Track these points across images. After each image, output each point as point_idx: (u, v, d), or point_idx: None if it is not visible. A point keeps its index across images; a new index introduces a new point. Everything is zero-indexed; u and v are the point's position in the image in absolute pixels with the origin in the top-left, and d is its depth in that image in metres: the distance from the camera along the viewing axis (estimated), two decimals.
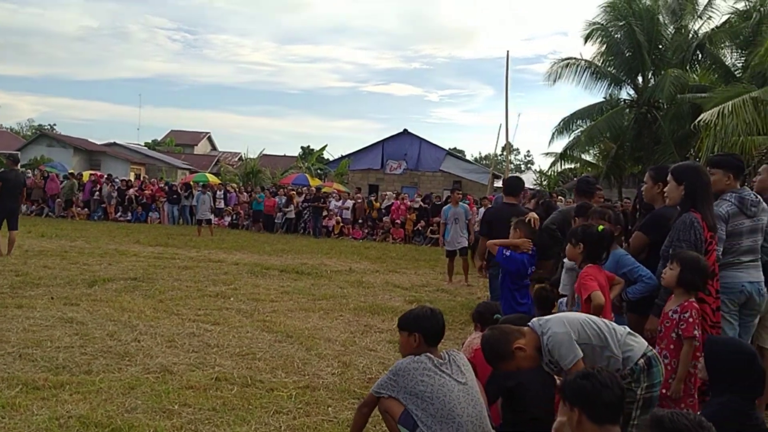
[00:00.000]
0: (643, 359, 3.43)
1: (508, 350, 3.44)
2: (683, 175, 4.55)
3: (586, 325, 3.47)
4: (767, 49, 11.56)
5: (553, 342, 3.42)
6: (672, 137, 21.47)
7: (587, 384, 2.74)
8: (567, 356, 3.36)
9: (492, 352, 3.50)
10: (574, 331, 3.42)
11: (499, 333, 3.53)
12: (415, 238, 22.09)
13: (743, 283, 4.64)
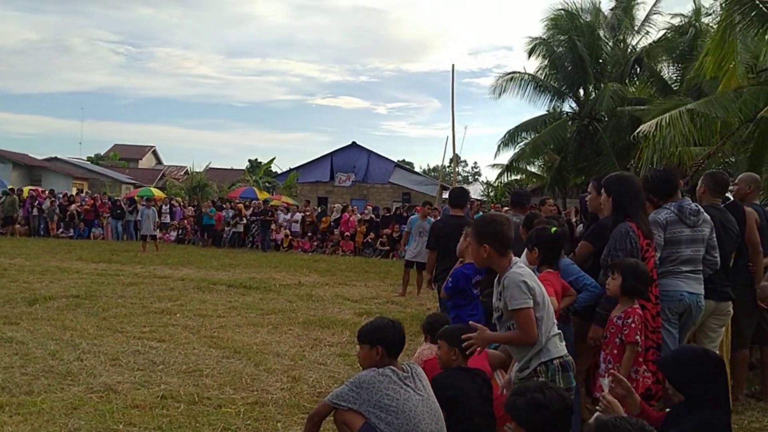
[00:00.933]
0: (559, 360, 3.51)
1: (487, 232, 3.57)
2: (611, 187, 4.69)
3: (542, 294, 3.53)
4: (702, 63, 11.94)
5: (510, 280, 3.47)
6: (613, 148, 22.04)
7: (530, 402, 2.77)
8: (517, 298, 3.42)
9: (484, 221, 3.67)
10: (534, 288, 3.47)
11: (510, 226, 3.63)
12: (365, 251, 22.09)
13: (683, 292, 4.77)
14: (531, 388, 2.85)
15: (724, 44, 10.87)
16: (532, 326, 3.43)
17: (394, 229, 21.69)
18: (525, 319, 3.43)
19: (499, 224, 3.62)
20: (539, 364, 3.51)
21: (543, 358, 3.52)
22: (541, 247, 4.58)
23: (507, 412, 2.84)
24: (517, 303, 3.42)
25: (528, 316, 3.42)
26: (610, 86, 22.15)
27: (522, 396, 2.80)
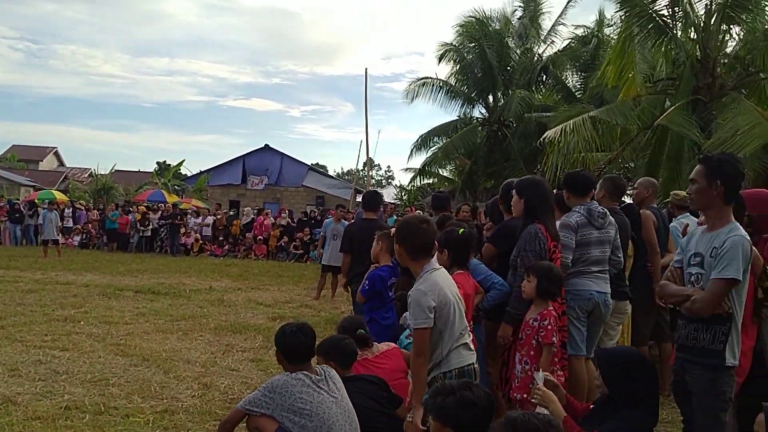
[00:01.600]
0: (457, 370, 3.58)
1: (400, 234, 3.67)
2: (524, 190, 4.86)
3: (447, 310, 3.55)
4: (603, 72, 12.50)
5: (413, 297, 3.52)
6: (521, 154, 22.69)
7: (461, 401, 2.81)
8: (417, 317, 3.48)
9: (401, 223, 3.74)
10: (439, 305, 3.51)
11: (427, 228, 3.67)
12: (278, 254, 21.87)
13: (592, 291, 4.96)
14: (457, 387, 2.88)
15: (624, 55, 11.44)
16: (424, 345, 3.50)
17: (306, 233, 21.58)
18: (419, 338, 3.50)
19: (413, 226, 3.67)
20: (439, 373, 3.58)
21: (443, 369, 3.58)
22: (450, 249, 4.66)
23: (432, 413, 2.85)
24: (416, 323, 3.48)
25: (423, 336, 3.49)
26: (517, 93, 22.82)
27: (450, 395, 2.81)
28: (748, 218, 3.89)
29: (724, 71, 11.85)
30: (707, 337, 3.39)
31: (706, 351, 3.39)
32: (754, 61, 11.43)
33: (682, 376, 3.57)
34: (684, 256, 3.68)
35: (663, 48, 11.89)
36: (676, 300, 3.62)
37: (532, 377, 3.93)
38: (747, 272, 3.38)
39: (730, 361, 3.37)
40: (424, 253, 3.63)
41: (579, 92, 23.02)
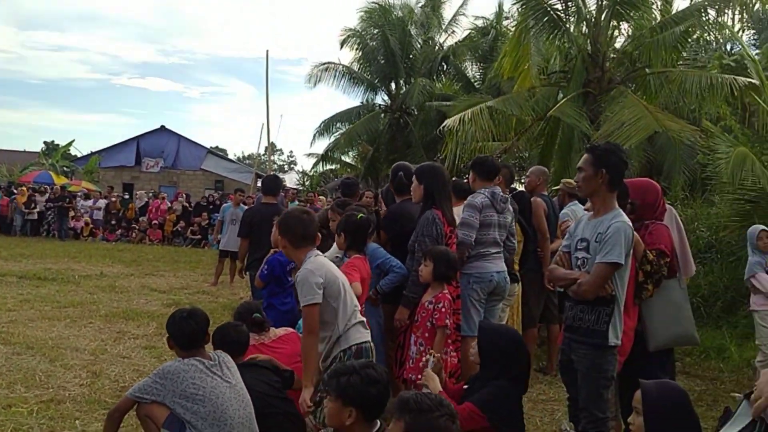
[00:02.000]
0: (356, 346, 3.68)
1: (283, 225, 3.73)
2: (423, 176, 4.96)
3: (337, 286, 3.66)
4: (500, 64, 12.84)
5: (300, 276, 3.60)
6: (422, 141, 23.03)
7: (366, 379, 2.85)
8: (306, 294, 3.55)
9: (284, 215, 3.78)
10: (327, 281, 3.60)
11: (308, 219, 3.74)
12: (174, 240, 21.26)
13: (492, 273, 5.13)
14: (358, 366, 2.93)
15: (520, 47, 11.78)
16: (314, 322, 3.57)
17: (204, 218, 21.10)
18: (309, 315, 3.58)
19: (294, 218, 3.75)
20: (339, 351, 3.66)
21: (343, 346, 3.67)
22: (347, 233, 4.73)
23: (335, 393, 2.87)
24: (305, 299, 3.55)
25: (312, 313, 3.56)
26: (419, 81, 23.10)
27: (354, 374, 2.85)
28: (631, 206, 4.11)
29: (613, 66, 12.40)
30: (592, 318, 3.57)
31: (591, 331, 3.58)
32: (641, 57, 12.02)
33: (568, 355, 3.75)
34: (571, 241, 3.85)
35: (556, 41, 12.33)
36: (564, 283, 3.79)
37: (424, 359, 4.05)
38: (629, 256, 3.58)
39: (613, 341, 3.56)
40: (306, 242, 3.72)
41: (478, 82, 23.55)
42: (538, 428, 5.15)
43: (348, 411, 2.84)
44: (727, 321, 8.33)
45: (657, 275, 3.96)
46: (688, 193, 12.03)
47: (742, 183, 8.13)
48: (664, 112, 11.10)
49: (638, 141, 10.29)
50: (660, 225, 4.14)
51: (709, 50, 15.09)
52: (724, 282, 8.88)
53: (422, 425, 2.45)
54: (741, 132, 11.28)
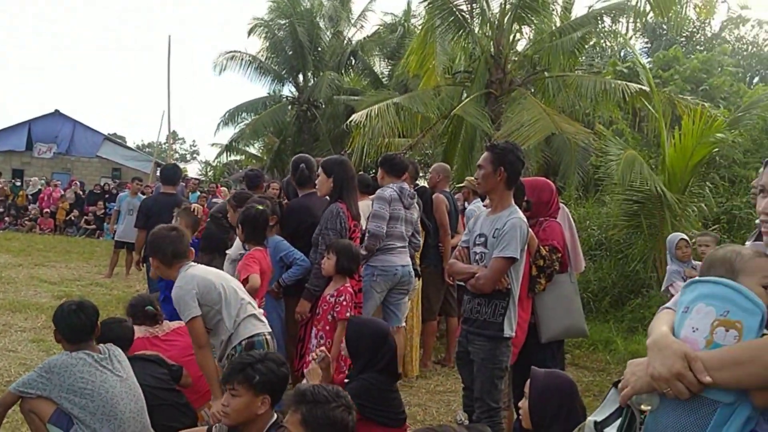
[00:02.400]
0: (246, 340, 3.69)
1: (152, 247, 3.73)
2: (331, 169, 4.97)
3: (216, 291, 3.66)
4: (407, 61, 12.98)
5: (175, 295, 3.60)
6: (329, 135, 22.98)
7: (273, 368, 2.90)
8: (184, 311, 3.56)
9: (151, 236, 3.72)
10: (201, 291, 3.61)
11: (176, 236, 3.71)
12: (67, 229, 20.32)
13: (397, 266, 5.23)
14: (259, 355, 2.98)
15: (426, 45, 11.96)
16: (201, 335, 3.59)
17: (99, 207, 20.28)
18: (193, 329, 3.59)
19: (162, 237, 3.71)
20: (231, 349, 3.68)
21: (234, 342, 3.69)
22: (245, 225, 4.71)
23: (243, 384, 2.88)
24: (186, 315, 3.56)
25: (196, 326, 3.57)
26: (327, 75, 23.02)
27: (260, 362, 2.90)
28: (527, 203, 4.27)
29: (514, 68, 12.78)
30: (488, 310, 3.71)
31: (487, 323, 3.71)
32: (541, 61, 12.48)
33: (465, 347, 3.87)
34: (470, 236, 3.98)
35: (461, 42, 12.59)
36: (463, 277, 3.91)
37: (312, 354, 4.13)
38: (524, 252, 3.73)
39: (508, 333, 3.71)
40: (178, 258, 3.70)
41: (385, 79, 23.72)
42: (434, 418, 5.27)
43: (261, 399, 2.86)
44: (615, 315, 8.78)
45: (549, 270, 4.14)
46: (581, 193, 12.59)
47: (631, 184, 8.59)
48: (561, 114, 11.53)
49: (536, 142, 10.67)
50: (553, 222, 4.32)
51: (605, 57, 15.83)
52: (612, 278, 9.36)
53: (319, 416, 2.48)
54: (631, 136, 11.94)
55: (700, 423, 1.79)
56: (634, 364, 1.96)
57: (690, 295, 1.93)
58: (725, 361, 1.74)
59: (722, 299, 1.82)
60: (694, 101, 10.46)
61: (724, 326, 1.79)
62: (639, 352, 7.23)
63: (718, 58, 14.10)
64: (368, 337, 3.66)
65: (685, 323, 1.89)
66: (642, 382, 1.87)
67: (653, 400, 1.88)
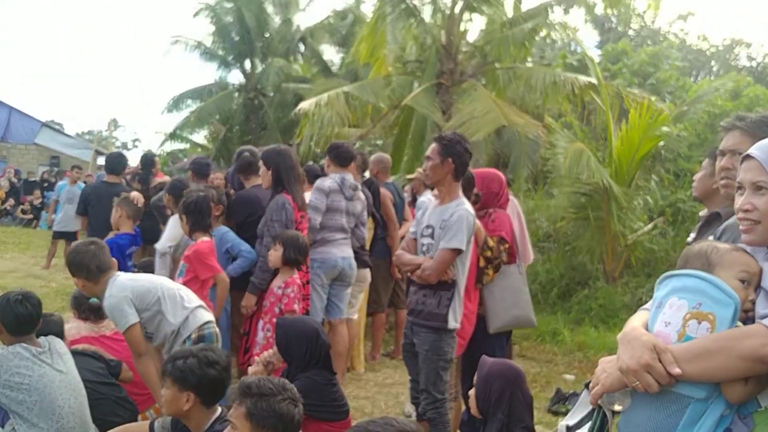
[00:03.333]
0: (196, 333, 3.64)
1: (71, 263, 3.61)
2: (270, 160, 4.85)
3: (153, 292, 3.60)
4: (357, 49, 12.84)
5: (108, 306, 3.52)
6: (278, 124, 22.67)
7: (202, 360, 2.82)
8: (119, 320, 3.50)
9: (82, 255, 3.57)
10: (136, 295, 3.54)
11: (97, 249, 3.60)
12: (2, 219, 19.59)
13: (337, 258, 5.15)
14: (196, 349, 2.92)
15: (377, 33, 11.83)
16: (139, 343, 3.54)
17: (37, 196, 19.61)
18: (132, 338, 3.53)
19: (83, 253, 3.60)
20: (181, 341, 3.61)
21: (183, 336, 3.63)
22: (189, 214, 4.52)
23: (171, 377, 2.82)
24: (122, 324, 3.49)
25: (134, 334, 3.51)
26: (276, 62, 22.69)
27: (191, 357, 2.83)
28: (476, 197, 4.23)
29: (465, 59, 12.76)
30: (433, 302, 3.67)
31: (432, 315, 3.67)
32: (492, 52, 12.47)
33: (411, 338, 3.82)
34: (418, 227, 3.92)
35: (412, 30, 12.51)
36: (409, 268, 3.85)
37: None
38: (470, 243, 3.68)
39: (452, 324, 3.67)
40: (103, 271, 3.59)
41: (335, 67, 23.51)
42: (383, 411, 5.22)
43: (185, 395, 2.80)
44: (562, 307, 8.87)
45: (497, 260, 4.11)
46: (530, 186, 12.69)
47: (578, 177, 8.67)
48: (511, 106, 11.56)
49: (486, 134, 10.66)
50: (502, 213, 4.30)
51: (555, 49, 15.97)
52: (560, 270, 9.46)
53: (264, 409, 2.43)
54: (580, 129, 12.06)
55: (672, 420, 1.75)
56: (605, 361, 1.91)
57: (663, 291, 1.88)
58: (695, 352, 1.69)
59: (694, 292, 1.78)
60: (641, 95, 10.60)
61: (696, 319, 1.75)
62: (585, 344, 7.32)
63: (666, 53, 14.36)
64: (298, 338, 3.60)
65: (658, 318, 1.84)
66: (612, 379, 1.82)
67: (625, 400, 1.84)
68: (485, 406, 2.88)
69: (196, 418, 2.86)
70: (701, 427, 1.72)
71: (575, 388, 5.96)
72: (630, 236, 8.87)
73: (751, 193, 1.79)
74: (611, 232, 8.68)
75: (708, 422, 1.73)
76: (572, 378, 6.49)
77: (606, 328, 7.88)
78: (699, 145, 10.70)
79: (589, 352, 7.21)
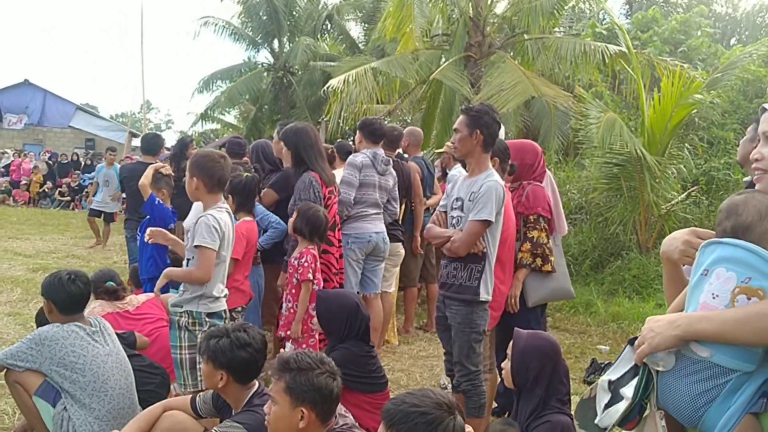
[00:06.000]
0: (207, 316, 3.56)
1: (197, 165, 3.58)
2: (288, 140, 4.81)
3: (226, 243, 3.57)
4: (384, 25, 12.76)
5: (204, 220, 3.47)
6: (306, 102, 22.70)
7: (235, 342, 2.86)
8: (205, 236, 3.42)
9: (197, 155, 3.65)
10: (221, 235, 3.50)
11: (225, 166, 3.61)
12: (41, 201, 20.02)
13: (371, 233, 5.17)
14: (231, 329, 2.93)
15: (403, 8, 11.74)
16: (209, 267, 3.43)
17: (74, 179, 19.98)
18: (205, 259, 3.41)
19: (211, 160, 3.56)
20: (189, 316, 3.53)
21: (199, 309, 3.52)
22: (236, 194, 4.57)
23: (205, 355, 2.89)
24: (202, 241, 3.40)
25: (209, 257, 3.42)
26: (303, 40, 22.65)
27: (224, 337, 2.87)
28: (511, 167, 4.22)
29: (493, 31, 12.63)
30: (464, 274, 3.67)
31: (463, 287, 3.67)
32: (520, 23, 12.31)
33: (443, 311, 3.84)
34: (448, 200, 3.92)
35: (440, 4, 12.41)
36: (439, 242, 3.86)
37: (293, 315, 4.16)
38: (500, 214, 3.67)
39: (484, 296, 3.68)
40: (219, 187, 3.59)
41: (362, 43, 23.40)
42: (418, 383, 5.29)
43: (219, 374, 2.85)
44: (595, 278, 8.82)
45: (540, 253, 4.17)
46: (561, 157, 12.57)
47: (610, 147, 8.57)
48: (540, 77, 11.44)
49: (516, 105, 10.59)
50: (537, 186, 4.27)
51: (584, 18, 15.69)
52: (592, 241, 9.39)
53: (303, 383, 2.46)
54: (611, 98, 11.89)
55: (713, 391, 1.76)
56: (653, 320, 1.91)
57: (708, 257, 1.85)
58: (751, 315, 1.70)
59: (743, 265, 1.75)
60: (673, 63, 10.40)
61: (745, 294, 1.73)
62: (620, 314, 7.29)
63: (696, 19, 14.02)
64: (339, 311, 3.67)
65: (705, 287, 1.82)
66: (659, 339, 1.82)
67: (669, 359, 1.84)
68: (522, 381, 2.88)
69: (232, 393, 2.93)
70: (742, 395, 1.74)
71: (610, 358, 5.96)
72: (664, 206, 8.76)
73: (765, 143, 1.79)
74: (644, 202, 8.59)
75: (747, 392, 1.74)
76: (607, 349, 6.49)
77: (640, 299, 7.84)
78: (733, 113, 10.47)
79: (623, 323, 7.19)
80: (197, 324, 3.46)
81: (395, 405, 2.12)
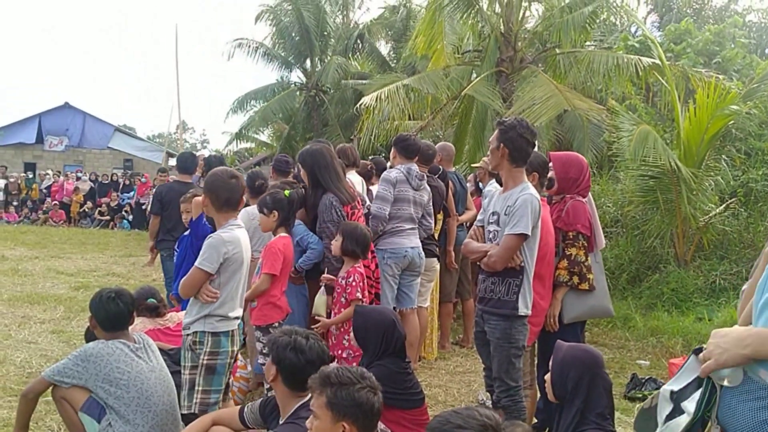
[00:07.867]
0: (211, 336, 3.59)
1: (208, 183, 3.72)
2: (305, 162, 4.86)
3: (235, 264, 3.62)
4: (414, 42, 12.84)
5: (212, 241, 3.57)
6: (338, 120, 22.88)
7: (291, 344, 2.94)
8: (204, 258, 3.52)
9: (211, 174, 3.72)
10: (228, 258, 3.58)
11: (237, 182, 3.69)
12: (81, 221, 20.44)
13: (407, 248, 5.22)
14: (294, 331, 3.01)
15: (434, 25, 11.81)
16: (194, 286, 3.51)
17: (113, 198, 20.37)
18: (193, 278, 3.51)
19: (219, 179, 3.61)
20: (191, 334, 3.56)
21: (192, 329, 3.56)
22: (278, 210, 4.57)
23: (270, 344, 2.99)
24: (201, 263, 3.49)
25: (198, 279, 3.50)
26: (334, 59, 22.89)
27: (285, 336, 2.96)
28: (549, 181, 4.22)
29: (525, 46, 12.61)
30: (502, 289, 3.66)
31: (502, 302, 3.67)
32: (551, 37, 12.27)
33: (482, 326, 3.83)
34: (485, 215, 3.94)
35: (470, 20, 12.44)
36: (476, 257, 3.87)
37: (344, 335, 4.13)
38: (537, 228, 3.67)
39: (523, 311, 3.66)
40: (229, 206, 3.63)
41: (393, 61, 23.55)
42: (456, 399, 5.27)
43: (273, 368, 2.91)
44: (632, 292, 8.72)
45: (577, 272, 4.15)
46: (595, 170, 12.45)
47: (644, 160, 8.49)
48: (572, 91, 11.38)
49: (548, 119, 10.55)
50: (578, 202, 4.21)
51: (615, 32, 15.60)
52: (629, 255, 9.29)
53: (344, 398, 2.48)
54: (644, 111, 11.78)
55: None
56: (719, 335, 1.84)
57: None
58: None
59: None
60: (708, 74, 10.28)
61: None
62: (658, 329, 7.19)
63: (730, 30, 13.84)
64: (376, 327, 3.68)
65: None
66: (727, 356, 1.76)
67: (736, 376, 1.77)
68: (562, 393, 2.83)
69: (279, 394, 2.97)
70: None
71: (650, 373, 5.89)
72: (702, 218, 8.64)
73: None
74: (682, 214, 8.48)
75: None
76: (647, 363, 6.41)
77: (679, 313, 7.72)
78: None
79: (662, 338, 7.09)
80: (198, 344, 3.50)
81: (440, 424, 2.12)
